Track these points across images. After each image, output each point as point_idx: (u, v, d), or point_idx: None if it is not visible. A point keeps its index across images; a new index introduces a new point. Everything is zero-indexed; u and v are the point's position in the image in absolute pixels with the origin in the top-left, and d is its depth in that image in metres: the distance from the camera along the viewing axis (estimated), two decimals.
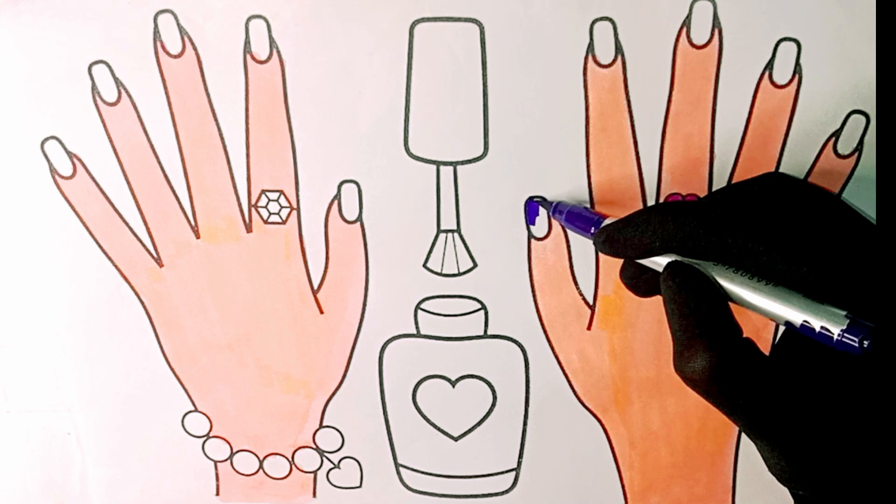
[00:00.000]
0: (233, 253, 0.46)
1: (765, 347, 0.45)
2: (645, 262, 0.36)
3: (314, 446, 0.50)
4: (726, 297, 0.33)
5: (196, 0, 0.41)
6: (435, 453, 0.49)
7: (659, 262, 0.35)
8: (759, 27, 0.39)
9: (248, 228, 0.45)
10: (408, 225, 0.44)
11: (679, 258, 0.34)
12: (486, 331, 0.46)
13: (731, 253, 0.32)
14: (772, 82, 0.40)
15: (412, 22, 0.40)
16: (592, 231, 0.39)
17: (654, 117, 0.41)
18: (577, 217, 0.40)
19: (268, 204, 0.44)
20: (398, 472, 0.50)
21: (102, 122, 0.43)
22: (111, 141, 0.44)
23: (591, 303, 0.45)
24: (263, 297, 0.47)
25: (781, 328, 0.32)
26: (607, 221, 0.38)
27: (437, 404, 0.48)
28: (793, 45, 0.39)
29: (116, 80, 0.42)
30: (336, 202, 0.44)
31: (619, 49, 0.40)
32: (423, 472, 0.50)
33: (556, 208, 0.42)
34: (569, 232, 0.44)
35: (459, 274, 0.45)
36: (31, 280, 0.47)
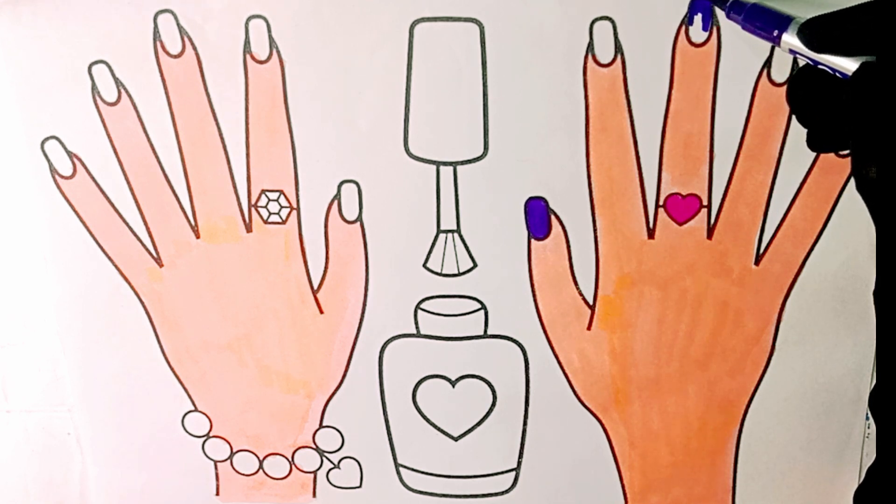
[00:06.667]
0: (233, 253, 0.46)
1: (764, 350, 0.45)
2: (834, 62, 0.33)
3: (314, 446, 0.50)
4: None
5: (196, 0, 0.41)
6: (435, 453, 0.49)
7: (846, 67, 0.32)
8: None
9: (248, 228, 0.45)
10: (408, 225, 0.44)
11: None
12: (486, 331, 0.46)
13: None
14: (770, 80, 0.40)
15: (412, 22, 0.40)
16: (776, 34, 0.34)
17: (653, 116, 0.41)
18: (761, 15, 0.35)
19: (268, 204, 0.44)
20: (398, 472, 0.50)
21: (102, 122, 0.43)
22: (111, 141, 0.44)
23: (591, 303, 0.45)
24: (263, 297, 0.47)
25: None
26: (799, 20, 0.34)
27: (437, 404, 0.48)
28: None
29: (116, 80, 0.42)
30: (336, 202, 0.44)
31: (618, 48, 0.40)
32: (423, 472, 0.50)
33: (732, 7, 0.36)
34: (569, 231, 0.44)
35: (459, 274, 0.45)
36: (31, 280, 0.47)
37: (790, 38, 0.34)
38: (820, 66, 0.34)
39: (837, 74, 0.33)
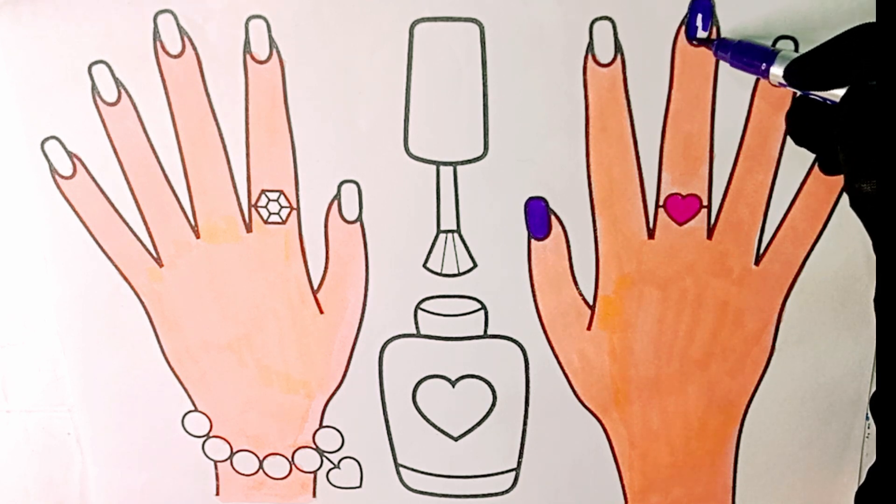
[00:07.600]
0: (233, 253, 0.46)
1: (764, 350, 0.45)
2: (826, 94, 0.34)
3: (314, 446, 0.50)
4: None
5: (196, 0, 0.41)
6: (435, 453, 0.49)
7: (833, 94, 0.34)
8: (756, 25, 0.39)
9: (248, 228, 0.45)
10: (408, 225, 0.44)
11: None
12: (486, 331, 0.46)
13: None
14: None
15: (412, 22, 0.40)
16: (764, 67, 0.36)
17: (653, 116, 0.41)
18: (748, 51, 0.37)
19: (268, 204, 0.44)
20: (398, 472, 0.50)
21: (102, 122, 0.43)
22: (111, 141, 0.44)
23: (591, 303, 0.45)
24: (263, 297, 0.47)
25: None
26: (784, 54, 0.36)
27: (437, 404, 0.48)
28: (790, 44, 0.39)
29: (116, 80, 0.42)
30: (336, 202, 0.44)
31: (618, 48, 0.40)
32: (423, 472, 0.50)
33: (719, 45, 0.38)
34: (569, 231, 0.44)
35: (459, 274, 0.45)
36: (31, 280, 0.47)
37: (778, 71, 0.36)
38: (811, 96, 0.35)
39: (828, 102, 0.34)
